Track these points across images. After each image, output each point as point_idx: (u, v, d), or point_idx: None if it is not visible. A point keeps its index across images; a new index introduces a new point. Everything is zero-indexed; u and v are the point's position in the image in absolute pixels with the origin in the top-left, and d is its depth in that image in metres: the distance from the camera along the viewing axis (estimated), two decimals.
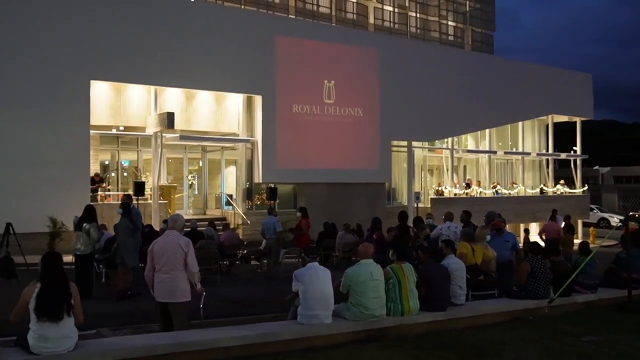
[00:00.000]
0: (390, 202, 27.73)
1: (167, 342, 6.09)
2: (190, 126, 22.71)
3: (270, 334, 6.75)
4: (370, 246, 8.02)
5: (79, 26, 19.12)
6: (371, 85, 25.88)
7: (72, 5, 19.18)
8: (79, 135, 19.05)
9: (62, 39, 18.81)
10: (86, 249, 11.41)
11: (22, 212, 16.05)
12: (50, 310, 5.57)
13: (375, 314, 7.42)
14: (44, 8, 18.68)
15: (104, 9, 19.75)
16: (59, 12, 18.90)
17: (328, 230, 17.97)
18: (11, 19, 18.14)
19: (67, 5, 19.10)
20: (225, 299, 11.43)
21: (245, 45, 22.40)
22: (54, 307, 5.59)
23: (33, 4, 18.54)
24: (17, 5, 18.30)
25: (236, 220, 22.54)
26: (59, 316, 5.60)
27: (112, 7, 19.90)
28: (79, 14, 19.22)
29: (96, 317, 8.21)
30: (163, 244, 6.96)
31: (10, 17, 18.14)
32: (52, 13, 18.77)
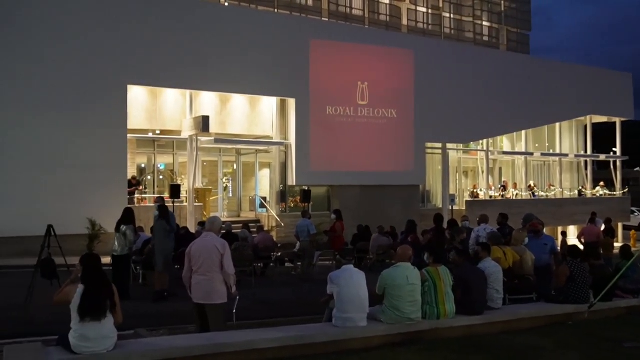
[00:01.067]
0: (424, 204, 27.53)
1: (204, 344, 6.14)
2: (225, 129, 22.95)
3: (305, 336, 6.74)
4: (409, 249, 7.86)
5: (117, 32, 19.50)
6: (405, 86, 25.74)
7: (110, 11, 19.57)
8: (117, 139, 19.41)
9: (100, 44, 19.21)
10: (123, 250, 11.61)
11: (62, 214, 16.41)
12: (94, 309, 5.68)
13: (410, 317, 7.35)
14: (83, 15, 19.11)
15: (141, 15, 20.11)
16: (97, 19, 19.30)
17: (362, 233, 17.92)
18: (51, 26, 18.60)
19: (105, 11, 19.50)
20: (260, 300, 11.49)
21: (278, 48, 22.53)
22: (97, 306, 5.70)
23: (72, 11, 18.98)
24: (56, 12, 18.75)
25: (270, 222, 22.66)
26: (103, 314, 5.71)
27: (148, 14, 20.25)
28: (117, 20, 19.60)
29: (134, 318, 8.34)
30: (200, 246, 7.03)
31: (50, 24, 18.60)
32: (90, 19, 19.18)
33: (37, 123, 18.07)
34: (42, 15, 18.50)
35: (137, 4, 20.17)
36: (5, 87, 17.84)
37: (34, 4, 18.48)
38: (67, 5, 18.94)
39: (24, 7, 18.32)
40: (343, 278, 7.14)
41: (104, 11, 19.49)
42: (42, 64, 18.35)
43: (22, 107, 17.94)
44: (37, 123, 18.06)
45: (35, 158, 18.00)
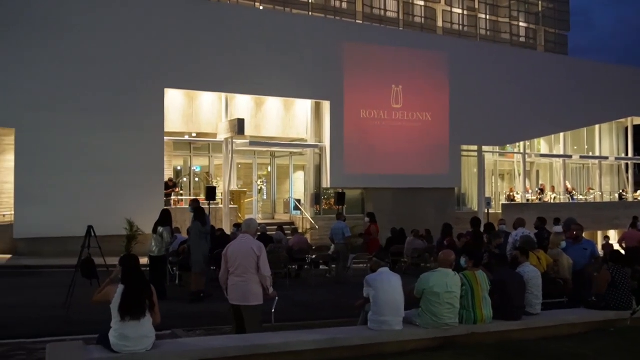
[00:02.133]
0: (459, 207, 27.24)
1: (240, 345, 6.19)
2: (259, 132, 23.11)
3: (341, 339, 6.74)
4: (451, 254, 7.66)
5: (154, 36, 19.84)
6: (440, 89, 25.54)
7: (146, 16, 19.93)
8: (154, 142, 19.73)
9: (139, 50, 19.57)
10: (160, 251, 11.78)
11: (101, 215, 16.75)
12: (134, 309, 5.77)
13: (447, 322, 7.26)
14: (120, 20, 19.50)
15: (177, 20, 20.42)
16: (136, 25, 19.67)
17: (396, 236, 17.82)
18: (92, 33, 19.02)
19: (143, 17, 19.86)
20: (295, 303, 11.53)
21: (313, 51, 22.61)
22: (137, 306, 5.80)
23: (112, 18, 19.38)
24: (97, 19, 19.17)
25: (304, 225, 22.72)
26: (142, 313, 5.80)
27: (183, 18, 20.55)
28: (153, 25, 19.95)
29: (170, 318, 8.45)
30: (237, 247, 7.09)
31: (92, 31, 19.02)
32: (127, 24, 19.56)
33: (78, 127, 18.49)
34: (85, 23, 18.94)
35: (173, 10, 20.49)
36: (48, 91, 18.31)
37: (77, 11, 18.92)
38: (107, 12, 19.35)
39: (67, 14, 18.77)
40: (379, 281, 7.11)
41: (142, 17, 19.85)
42: (83, 69, 18.77)
43: (64, 112, 18.38)
44: (77, 127, 18.48)
45: (76, 161, 18.41)
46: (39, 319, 9.64)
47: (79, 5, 19.01)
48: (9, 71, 17.92)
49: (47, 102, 18.23)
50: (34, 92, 18.11)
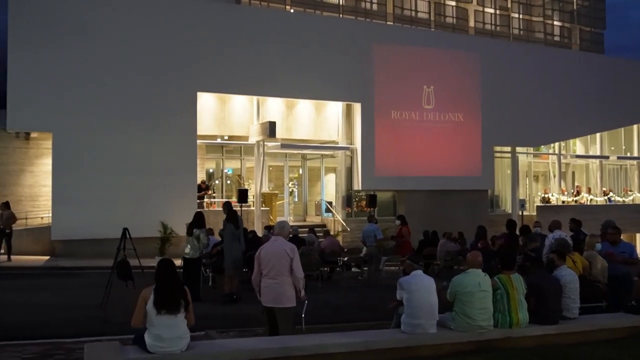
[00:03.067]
0: (493, 209, 26.91)
1: (274, 347, 6.21)
2: (291, 134, 23.20)
3: (374, 341, 6.71)
4: (479, 255, 7.74)
5: (186, 41, 20.10)
6: (472, 89, 25.29)
7: (178, 22, 20.19)
8: (187, 145, 19.97)
9: (171, 54, 19.85)
10: (194, 253, 11.87)
11: (136, 217, 17.00)
12: (169, 302, 5.82)
13: (481, 324, 7.18)
14: (154, 25, 19.80)
15: (209, 25, 20.64)
16: (168, 29, 19.95)
17: (428, 238, 17.68)
18: (126, 39, 19.35)
19: (175, 23, 20.13)
20: (327, 305, 11.52)
21: (344, 53, 22.61)
22: (171, 299, 5.85)
23: (146, 25, 19.70)
24: (129, 24, 19.50)
25: (336, 227, 22.72)
26: (176, 308, 5.85)
27: (215, 22, 20.76)
28: (186, 30, 20.20)
29: (204, 320, 8.51)
30: (270, 249, 7.11)
31: (126, 37, 19.35)
32: (161, 30, 19.85)
33: (113, 131, 18.83)
34: (120, 29, 19.30)
35: (205, 15, 20.71)
36: (84, 96, 18.68)
37: (112, 18, 19.28)
38: (141, 18, 19.68)
39: (103, 21, 19.13)
40: (413, 283, 7.07)
41: (175, 23, 20.12)
42: (117, 74, 19.11)
43: (100, 116, 18.74)
44: (112, 131, 18.82)
45: (111, 164, 18.74)
46: (77, 319, 9.83)
47: (114, 12, 19.36)
48: (46, 77, 18.34)
49: (83, 107, 18.61)
50: (71, 97, 18.51)
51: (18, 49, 18.10)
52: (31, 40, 18.28)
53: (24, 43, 18.19)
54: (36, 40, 18.32)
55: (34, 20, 18.36)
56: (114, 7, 19.42)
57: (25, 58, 18.15)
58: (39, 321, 9.55)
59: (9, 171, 20.34)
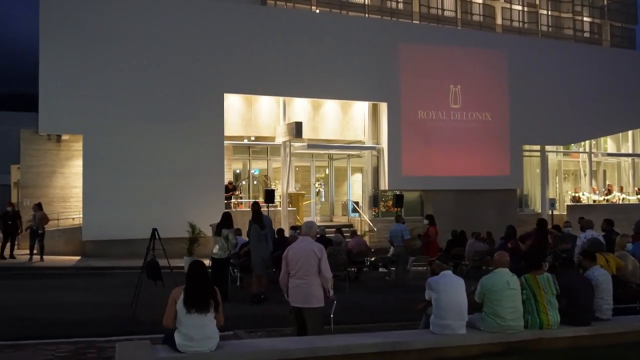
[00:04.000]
0: (522, 209, 26.57)
1: (303, 347, 6.21)
2: (317, 135, 23.22)
3: (403, 342, 6.67)
4: (506, 255, 7.67)
5: (213, 43, 20.28)
6: (500, 88, 25.01)
7: (205, 24, 20.37)
8: (214, 146, 20.13)
9: (198, 56, 20.05)
10: (223, 253, 11.94)
11: (164, 218, 17.16)
12: (198, 301, 5.86)
13: (511, 325, 7.09)
14: (181, 28, 20.00)
15: (235, 26, 20.78)
16: (194, 32, 20.14)
17: (456, 238, 17.54)
18: (154, 41, 19.59)
19: (202, 26, 20.31)
20: (354, 305, 11.50)
21: (370, 53, 22.56)
22: (201, 298, 5.89)
23: (173, 26, 19.91)
24: (156, 27, 19.73)
25: (363, 227, 22.68)
26: (206, 308, 5.88)
27: (241, 25, 20.89)
28: (212, 32, 20.37)
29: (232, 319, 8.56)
30: (297, 249, 7.11)
31: (153, 39, 19.60)
32: (188, 32, 20.06)
33: (142, 132, 19.08)
34: (147, 32, 19.56)
35: (231, 17, 20.86)
36: (113, 99, 18.96)
37: (139, 21, 19.55)
38: (169, 21, 19.91)
39: (131, 25, 19.42)
40: (442, 284, 7.02)
41: (202, 25, 20.31)
42: (146, 76, 19.37)
43: (129, 118, 19.01)
44: (141, 132, 19.08)
45: (140, 165, 19.00)
46: (108, 318, 9.97)
47: (142, 16, 19.63)
48: (77, 81, 18.66)
49: (112, 109, 18.90)
50: (100, 100, 18.81)
51: (49, 54, 18.47)
52: (62, 45, 18.64)
53: (54, 48, 18.56)
54: (66, 44, 18.66)
55: (64, 25, 18.71)
56: (142, 11, 19.69)
57: (56, 62, 18.50)
58: (71, 320, 9.72)
59: (40, 173, 20.74)
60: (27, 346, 7.68)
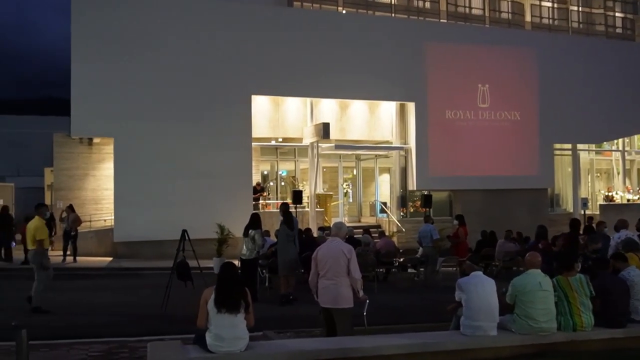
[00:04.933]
0: (553, 209, 26.16)
1: (333, 348, 6.20)
2: (344, 135, 23.20)
3: (433, 343, 6.62)
4: (538, 255, 7.54)
5: (240, 45, 20.42)
6: (529, 86, 24.69)
7: (232, 26, 20.51)
8: (242, 148, 20.27)
9: (225, 58, 20.21)
10: (251, 254, 11.98)
11: (194, 219, 17.29)
12: (229, 301, 5.89)
13: (543, 327, 6.98)
14: (208, 30, 20.19)
15: (261, 27, 20.89)
16: (221, 34, 20.31)
17: (486, 239, 17.35)
18: (182, 43, 19.80)
19: (227, 26, 20.47)
20: (383, 306, 11.44)
21: (397, 53, 22.48)
22: (232, 299, 5.92)
23: (202, 29, 20.11)
24: (183, 30, 19.94)
25: (391, 227, 22.58)
26: (236, 308, 5.91)
27: (268, 26, 21.00)
28: (239, 34, 20.50)
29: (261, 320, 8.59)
30: (327, 250, 7.11)
31: (182, 41, 19.81)
32: (215, 35, 20.24)
33: (171, 134, 19.31)
34: (175, 35, 19.80)
35: (258, 19, 20.99)
36: (143, 102, 19.23)
37: (167, 25, 19.79)
38: (196, 23, 20.11)
39: (159, 29, 19.67)
40: (472, 285, 6.94)
41: (229, 28, 20.46)
42: (174, 79, 19.59)
43: (158, 121, 19.24)
44: (171, 134, 19.30)
45: (170, 167, 19.21)
46: (139, 318, 10.10)
47: (170, 20, 19.87)
48: (107, 85, 18.98)
49: (142, 113, 19.16)
50: (130, 103, 19.09)
51: (80, 59, 18.81)
52: (93, 51, 18.96)
53: (86, 53, 18.89)
54: (97, 50, 18.98)
55: (95, 32, 19.04)
56: (170, 16, 19.93)
57: (87, 67, 18.84)
58: (104, 320, 9.87)
59: (73, 175, 21.13)
60: (61, 345, 7.82)
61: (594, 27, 35.26)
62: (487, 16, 32.04)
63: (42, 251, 10.51)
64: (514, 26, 31.62)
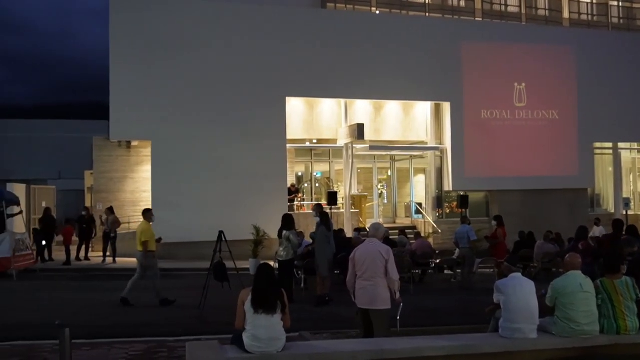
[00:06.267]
0: (593, 209, 25.57)
1: (370, 349, 6.16)
2: (379, 136, 23.12)
3: (472, 345, 6.52)
4: (578, 256, 7.37)
5: (274, 48, 20.54)
6: (567, 84, 24.21)
7: (267, 29, 20.66)
8: (277, 149, 20.38)
9: (260, 61, 20.37)
10: (287, 255, 12.03)
11: (230, 220, 17.44)
12: (265, 301, 5.92)
13: (585, 329, 6.81)
14: (243, 34, 20.38)
15: (295, 29, 20.99)
16: (256, 37, 20.48)
17: (524, 240, 17.05)
18: (214, 47, 20.04)
19: (263, 29, 20.62)
20: (420, 308, 11.35)
21: (431, 52, 22.31)
22: (267, 298, 5.95)
23: (233, 31, 20.31)
24: (218, 33, 20.16)
25: (426, 228, 22.40)
26: (273, 308, 5.93)
27: (301, 28, 21.10)
28: (274, 37, 20.63)
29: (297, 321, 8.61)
30: (364, 251, 7.09)
31: (213, 45, 20.04)
32: (250, 38, 20.42)
33: (207, 136, 19.53)
34: (210, 39, 20.09)
35: (292, 21, 21.12)
36: (179, 105, 19.50)
37: (203, 28, 20.05)
38: (231, 27, 20.32)
39: (195, 33, 19.95)
40: (511, 286, 6.82)
41: (263, 30, 20.63)
42: (210, 83, 19.84)
43: (194, 123, 19.50)
44: (206, 137, 19.53)
45: (206, 169, 19.44)
46: (177, 318, 10.22)
47: (205, 25, 20.13)
48: (145, 89, 19.32)
49: (179, 116, 19.44)
50: (168, 107, 19.38)
51: (119, 64, 19.20)
52: (130, 56, 19.34)
53: (124, 59, 19.27)
54: (135, 55, 19.35)
55: (132, 37, 19.42)
56: (205, 20, 20.19)
57: (125, 72, 19.22)
58: (143, 320, 10.02)
59: (112, 178, 21.53)
60: (102, 345, 7.96)
61: (635, 22, 34.36)
62: (523, 13, 31.51)
63: (147, 253, 11.45)
64: (551, 23, 31.03)
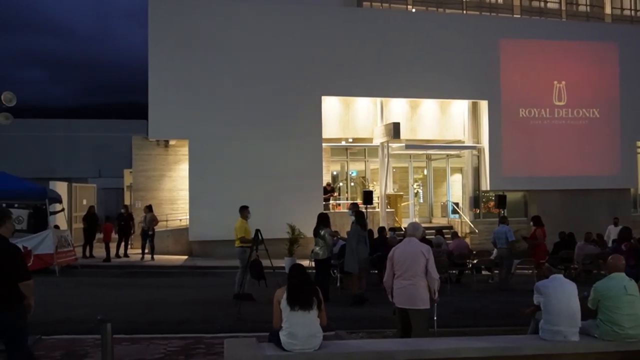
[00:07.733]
0: (636, 209, 24.91)
1: (408, 349, 6.12)
2: (415, 135, 22.94)
3: (512, 347, 6.42)
4: (621, 258, 7.18)
5: (310, 47, 20.58)
6: (609, 82, 23.65)
7: (303, 29, 20.73)
8: (313, 148, 20.40)
9: (296, 60, 20.44)
10: (324, 253, 12.04)
11: (266, 219, 17.48)
12: (301, 297, 5.92)
13: (630, 333, 6.64)
14: (279, 34, 20.46)
15: (331, 29, 20.97)
16: (292, 36, 20.54)
17: (565, 241, 16.72)
18: (250, 47, 20.17)
19: (299, 29, 20.69)
20: (457, 309, 11.25)
21: (469, 50, 22.05)
22: (304, 295, 5.96)
23: (270, 32, 20.41)
24: (255, 34, 20.29)
25: (463, 228, 22.15)
26: (309, 304, 5.92)
27: (337, 27, 21.06)
28: (309, 36, 20.69)
29: (333, 320, 8.62)
30: (404, 250, 7.04)
31: (250, 45, 20.18)
32: (286, 38, 20.49)
33: (243, 136, 19.68)
34: (246, 39, 20.20)
35: (328, 20, 21.11)
36: (216, 105, 19.71)
37: (239, 29, 20.21)
38: (267, 28, 20.41)
39: (231, 33, 20.12)
40: (552, 288, 6.68)
41: (299, 30, 20.69)
42: (246, 82, 19.98)
43: (231, 122, 19.68)
44: (243, 136, 19.67)
45: (242, 168, 19.59)
46: (214, 315, 10.33)
47: (242, 24, 20.27)
48: (182, 89, 19.56)
49: (216, 115, 19.64)
50: (205, 107, 19.61)
51: (157, 65, 19.49)
52: (169, 56, 19.62)
53: (162, 59, 19.55)
54: (173, 56, 19.63)
55: (171, 38, 19.69)
56: (242, 20, 20.33)
57: (164, 73, 19.50)
58: (181, 316, 10.16)
59: (150, 177, 21.89)
60: (141, 340, 8.11)
61: None
62: (563, 10, 30.87)
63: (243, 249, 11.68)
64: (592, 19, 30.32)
